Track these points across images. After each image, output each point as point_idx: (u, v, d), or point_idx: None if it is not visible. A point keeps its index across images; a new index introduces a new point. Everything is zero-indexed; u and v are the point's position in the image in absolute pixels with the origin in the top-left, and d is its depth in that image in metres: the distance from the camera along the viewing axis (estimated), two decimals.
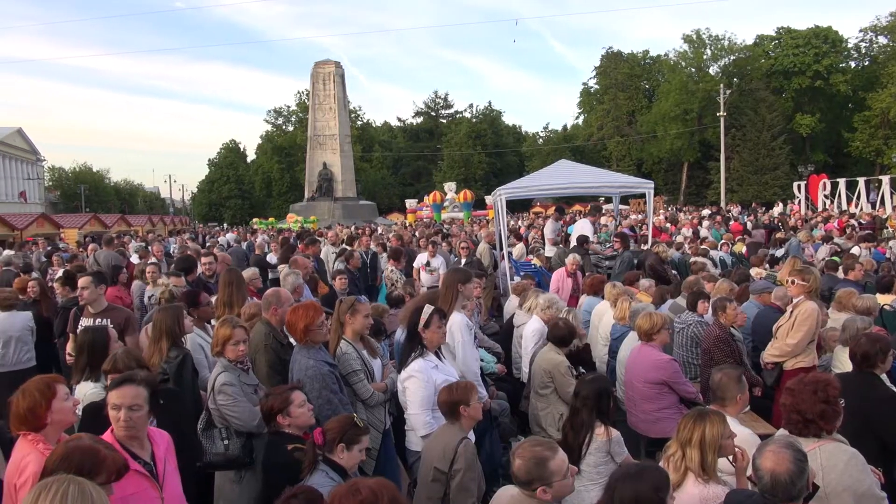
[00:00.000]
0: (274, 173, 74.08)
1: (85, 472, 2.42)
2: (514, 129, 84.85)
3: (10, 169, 74.52)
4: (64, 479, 2.17)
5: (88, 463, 2.50)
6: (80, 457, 2.52)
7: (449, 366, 4.88)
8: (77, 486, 2.13)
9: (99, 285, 6.28)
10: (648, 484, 2.71)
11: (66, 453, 2.54)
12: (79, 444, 2.61)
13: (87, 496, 2.12)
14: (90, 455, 2.54)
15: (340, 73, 48.75)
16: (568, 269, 9.89)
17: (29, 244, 20.19)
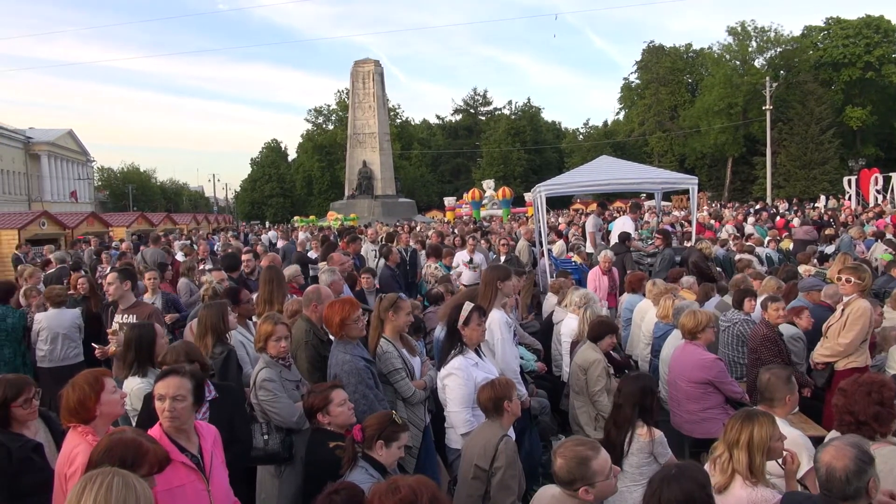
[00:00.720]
0: (314, 172, 74.90)
1: (128, 465, 2.46)
2: (553, 125, 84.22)
3: (61, 169, 76.92)
4: (108, 471, 2.21)
5: (131, 455, 2.55)
6: (122, 449, 2.57)
7: (489, 363, 4.85)
8: (121, 479, 2.16)
9: (124, 282, 6.41)
10: (694, 482, 2.65)
11: (109, 446, 2.59)
12: (122, 436, 2.66)
13: (131, 488, 2.16)
14: (133, 447, 2.59)
15: (380, 72, 48.99)
16: (602, 266, 9.69)
17: (80, 242, 20.78)
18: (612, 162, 14.28)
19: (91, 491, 2.09)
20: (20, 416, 3.53)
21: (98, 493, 2.09)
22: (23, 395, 3.52)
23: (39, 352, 7.00)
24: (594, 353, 5.58)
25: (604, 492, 3.03)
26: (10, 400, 3.48)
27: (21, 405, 3.51)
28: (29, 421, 3.61)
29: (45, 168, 72.91)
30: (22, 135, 70.37)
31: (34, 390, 3.61)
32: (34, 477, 3.42)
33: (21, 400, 3.51)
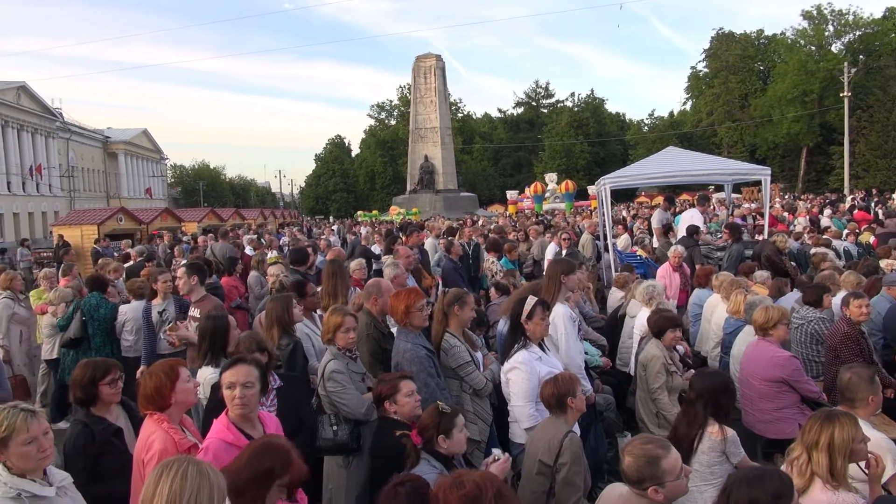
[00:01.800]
0: (377, 167, 75.78)
1: (276, 471, 2.57)
2: (617, 116, 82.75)
3: (137, 167, 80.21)
4: (184, 459, 2.29)
5: (280, 462, 2.62)
6: (274, 453, 2.64)
7: (553, 357, 4.81)
8: (196, 467, 2.23)
9: (192, 276, 6.61)
10: (768, 490, 2.53)
11: (264, 446, 2.66)
12: (278, 441, 2.73)
13: (205, 476, 2.22)
14: (283, 455, 2.66)
15: (441, 66, 49.12)
16: (672, 262, 9.26)
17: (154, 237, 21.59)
18: (679, 153, 13.91)
19: (167, 478, 2.16)
20: (106, 396, 3.71)
21: (174, 481, 2.16)
22: (109, 374, 3.72)
23: (125, 342, 7.30)
24: (654, 349, 5.44)
25: (674, 492, 2.95)
26: (98, 379, 3.67)
27: (108, 384, 3.69)
28: (113, 403, 3.80)
29: (122, 166, 76.17)
30: (101, 134, 73.72)
31: (119, 373, 3.81)
32: (114, 460, 3.58)
33: (108, 379, 3.70)
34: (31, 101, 56.00)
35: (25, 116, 54.87)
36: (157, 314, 6.96)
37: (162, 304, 7.05)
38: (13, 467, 2.65)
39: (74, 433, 3.54)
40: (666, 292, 7.88)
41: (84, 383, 3.67)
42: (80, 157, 67.26)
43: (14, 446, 2.61)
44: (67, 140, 64.35)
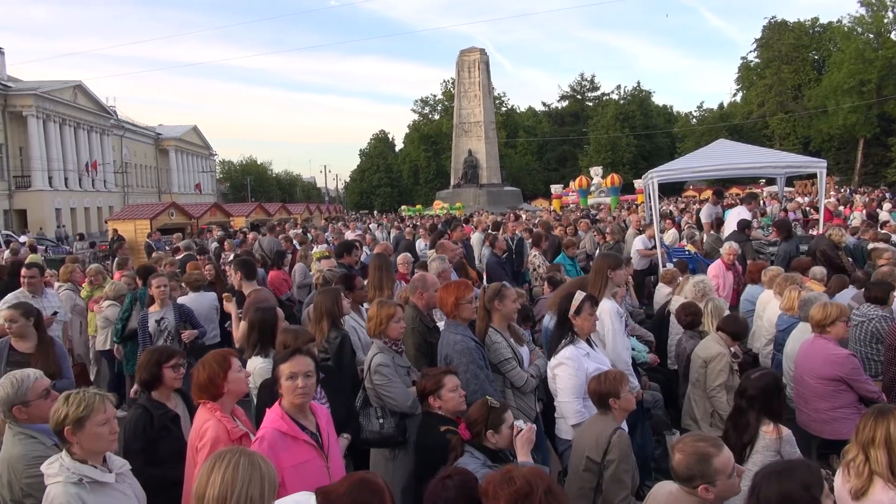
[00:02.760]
0: (421, 161, 76.00)
1: None
2: (664, 109, 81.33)
3: (187, 163, 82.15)
4: (237, 450, 2.34)
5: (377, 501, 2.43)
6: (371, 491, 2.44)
7: (600, 353, 4.76)
8: (248, 458, 2.28)
9: (237, 272, 6.76)
10: (797, 481, 2.44)
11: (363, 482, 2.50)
12: (374, 479, 2.55)
13: (257, 467, 2.27)
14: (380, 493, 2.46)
15: (485, 61, 48.96)
16: (725, 260, 8.73)
17: (204, 231, 22.09)
18: (729, 146, 13.57)
19: (220, 468, 2.21)
20: (168, 380, 3.85)
21: (226, 471, 2.21)
22: (174, 359, 3.88)
23: None
24: (718, 346, 5.32)
25: (726, 491, 2.88)
26: (163, 362, 3.82)
27: (171, 367, 3.84)
28: (174, 387, 3.93)
29: (173, 162, 78.14)
30: (153, 131, 75.72)
31: (182, 359, 3.96)
32: (170, 445, 3.70)
33: (172, 363, 3.85)
34: (86, 100, 57.83)
35: (82, 115, 56.70)
36: (155, 323, 6.53)
37: (159, 312, 6.61)
38: (76, 454, 2.76)
39: (135, 416, 3.68)
40: (717, 291, 7.66)
41: (150, 366, 3.83)
42: (133, 154, 69.20)
43: (90, 426, 2.74)
44: (121, 137, 66.26)
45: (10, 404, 3.21)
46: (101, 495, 2.75)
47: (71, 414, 2.73)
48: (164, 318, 6.51)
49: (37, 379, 3.33)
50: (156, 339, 6.44)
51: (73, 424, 2.73)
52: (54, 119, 52.18)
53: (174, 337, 6.51)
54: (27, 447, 3.17)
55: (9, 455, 3.18)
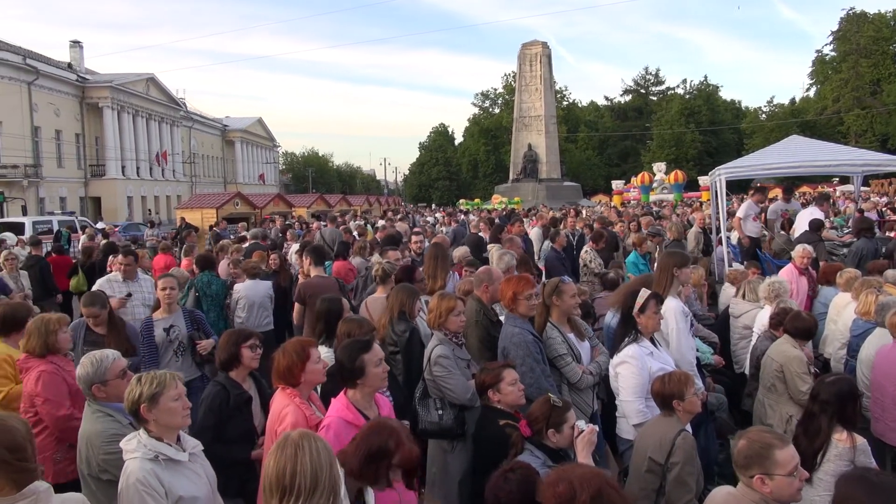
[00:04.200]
0: (480, 155, 75.91)
1: (390, 449, 2.64)
2: (732, 104, 79.00)
3: (251, 154, 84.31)
4: (314, 435, 2.38)
5: (394, 441, 2.68)
6: (387, 432, 2.73)
7: (664, 353, 4.66)
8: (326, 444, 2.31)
9: (307, 257, 7.04)
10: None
11: (378, 426, 2.77)
12: (388, 421, 2.86)
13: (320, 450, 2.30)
14: (395, 433, 2.73)
15: (547, 54, 48.45)
16: (798, 264, 8.00)
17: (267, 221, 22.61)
18: (802, 142, 13.05)
19: (306, 450, 2.23)
20: (247, 359, 3.99)
21: (312, 453, 2.24)
22: (251, 339, 4.02)
23: (237, 318, 7.70)
24: (794, 349, 5.13)
25: (784, 489, 2.78)
26: (241, 342, 3.97)
27: (249, 347, 3.98)
28: (251, 367, 4.07)
29: (238, 153, 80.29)
30: (220, 123, 77.98)
31: (259, 340, 4.11)
32: (239, 426, 3.83)
33: (249, 343, 4.00)
34: (158, 92, 59.92)
35: (153, 106, 58.78)
36: (163, 331, 5.78)
37: (168, 319, 5.87)
38: (152, 431, 2.87)
39: (213, 392, 3.81)
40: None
41: (228, 345, 3.97)
42: (200, 145, 71.42)
43: (164, 401, 2.86)
44: (190, 128, 68.45)
45: (90, 383, 3.37)
46: (174, 472, 2.85)
47: (145, 392, 2.85)
48: (174, 325, 5.82)
49: (115, 359, 3.48)
50: (163, 349, 5.75)
51: (149, 401, 2.84)
52: (128, 110, 54.26)
53: (187, 347, 5.87)
54: (105, 424, 3.31)
55: (88, 431, 3.33)
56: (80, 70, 52.07)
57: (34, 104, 44.67)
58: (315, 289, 6.91)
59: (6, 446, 2.27)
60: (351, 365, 3.32)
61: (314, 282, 7.18)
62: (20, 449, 2.31)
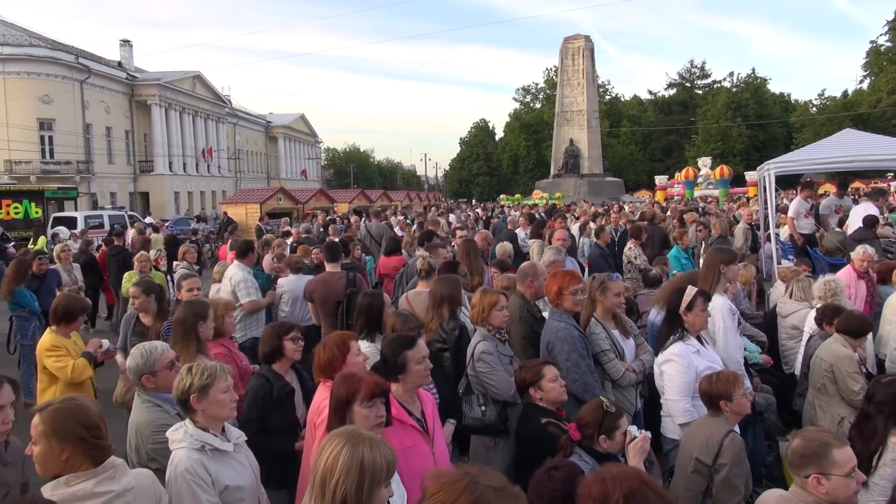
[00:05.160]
0: (521, 150, 75.52)
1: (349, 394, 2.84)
2: (781, 97, 77.01)
3: (294, 150, 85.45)
4: (347, 428, 2.38)
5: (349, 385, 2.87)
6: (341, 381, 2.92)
7: (712, 352, 4.56)
8: (351, 434, 2.32)
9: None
10: None
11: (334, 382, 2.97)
12: (341, 373, 3.05)
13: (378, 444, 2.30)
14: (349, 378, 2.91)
15: (590, 48, 47.88)
16: (858, 267, 7.43)
17: (309, 216, 22.89)
18: (856, 136, 12.62)
19: (361, 447, 2.18)
20: (289, 351, 4.05)
21: (367, 450, 2.18)
22: (293, 332, 4.08)
23: (281, 312, 7.80)
24: (844, 349, 4.97)
25: (840, 491, 2.69)
26: (284, 334, 4.04)
27: (291, 339, 4.05)
28: (293, 360, 4.13)
29: (281, 149, 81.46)
30: (263, 119, 79.21)
31: (300, 333, 4.17)
32: (282, 418, 3.87)
33: (291, 335, 4.06)
34: (204, 90, 61.12)
35: (199, 103, 59.99)
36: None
37: None
38: (198, 422, 2.92)
39: (257, 385, 3.87)
40: None
41: (271, 338, 4.03)
42: (244, 141, 72.64)
43: (213, 393, 2.92)
44: (234, 125, 69.67)
45: (139, 373, 3.44)
46: (220, 462, 2.90)
47: (196, 382, 2.91)
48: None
49: (164, 351, 3.55)
50: None
51: (199, 391, 2.90)
52: (175, 107, 55.48)
53: None
54: (153, 414, 3.39)
55: (137, 421, 3.40)
56: (129, 68, 53.46)
57: (86, 102, 46.05)
58: (322, 284, 7.01)
59: (83, 424, 2.37)
60: (394, 360, 3.32)
61: (322, 277, 7.28)
62: (95, 427, 2.41)
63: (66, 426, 2.34)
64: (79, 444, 2.33)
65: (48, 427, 2.33)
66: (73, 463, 2.34)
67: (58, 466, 2.34)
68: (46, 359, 4.91)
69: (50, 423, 2.34)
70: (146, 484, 2.58)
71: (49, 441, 2.33)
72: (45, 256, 9.99)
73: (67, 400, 2.46)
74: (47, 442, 2.33)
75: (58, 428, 2.33)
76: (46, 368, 4.93)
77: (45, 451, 2.33)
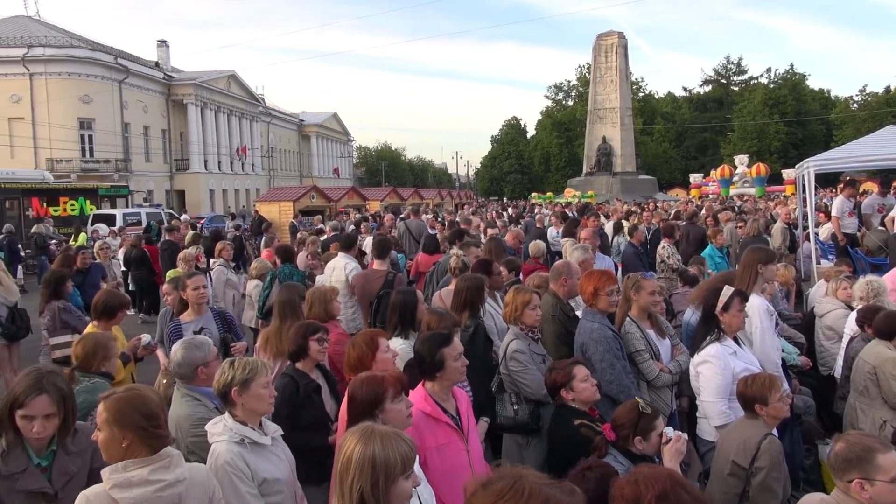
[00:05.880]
0: (553, 148, 75.06)
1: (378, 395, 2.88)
2: (820, 93, 75.24)
3: (326, 148, 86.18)
4: (360, 426, 2.39)
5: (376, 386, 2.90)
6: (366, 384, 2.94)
7: (748, 353, 4.49)
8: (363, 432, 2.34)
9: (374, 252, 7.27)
10: None
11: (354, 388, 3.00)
12: (358, 378, 3.06)
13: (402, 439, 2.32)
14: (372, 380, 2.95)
15: (623, 44, 47.37)
16: None
17: (341, 214, 23.05)
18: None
19: (397, 441, 2.25)
20: (314, 352, 4.08)
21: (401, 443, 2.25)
22: (318, 333, 4.12)
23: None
24: (889, 351, 4.85)
25: (884, 497, 2.63)
26: (309, 334, 4.08)
27: (316, 340, 4.08)
28: (318, 360, 4.17)
29: (314, 147, 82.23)
30: (296, 118, 80.00)
31: (326, 334, 4.21)
32: (312, 414, 3.92)
33: (317, 336, 4.09)
34: (238, 89, 61.97)
35: (234, 102, 60.85)
36: (194, 335, 4.80)
37: (197, 321, 5.42)
38: (237, 416, 2.98)
39: (283, 384, 3.92)
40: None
41: (297, 338, 4.08)
42: (278, 140, 73.48)
43: (254, 387, 2.98)
44: (268, 123, 70.51)
45: (194, 365, 3.57)
46: (258, 455, 2.96)
47: (237, 376, 2.98)
48: (206, 328, 5.37)
49: (212, 344, 3.70)
50: None
51: (240, 385, 2.97)
52: (210, 107, 56.36)
53: (220, 350, 5.18)
54: (193, 408, 3.47)
55: (177, 415, 3.48)
56: (166, 68, 54.45)
57: (124, 101, 47.06)
58: (363, 279, 7.09)
59: (143, 414, 2.44)
60: (431, 358, 3.34)
61: (364, 273, 7.42)
62: (155, 417, 2.48)
63: (127, 415, 2.42)
64: (138, 433, 2.41)
65: (111, 415, 2.42)
66: (133, 450, 2.42)
67: (119, 453, 2.42)
68: None
69: (112, 412, 2.43)
70: (200, 478, 2.64)
71: (111, 428, 2.41)
72: (88, 251, 10.25)
73: (130, 390, 2.55)
74: (110, 429, 2.42)
75: (119, 416, 2.42)
76: None
77: (108, 437, 2.43)
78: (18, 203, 25.66)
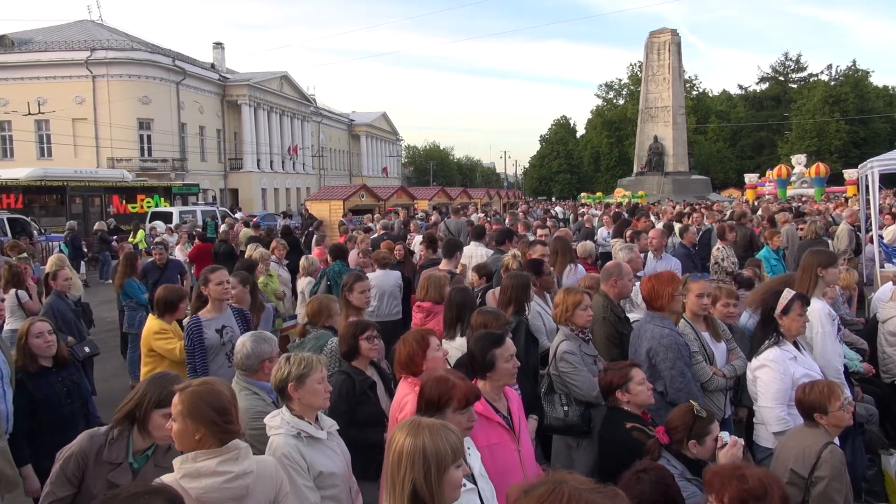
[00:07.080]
0: (602, 147, 74.27)
1: (442, 399, 2.84)
2: (885, 91, 72.52)
3: (376, 147, 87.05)
4: (408, 420, 2.44)
5: (443, 390, 2.87)
6: (434, 385, 2.91)
7: (809, 358, 4.36)
8: (412, 425, 2.36)
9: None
10: None
11: (425, 383, 2.98)
12: (433, 374, 3.04)
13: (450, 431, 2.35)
14: (443, 383, 2.90)
15: (676, 42, 46.52)
16: None
17: (390, 213, 23.22)
18: None
19: (447, 433, 2.28)
20: (364, 350, 4.13)
21: (451, 436, 2.28)
22: (367, 331, 4.15)
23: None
24: None
25: None
26: (359, 334, 4.12)
27: (366, 339, 4.12)
28: (370, 357, 4.22)
29: (364, 146, 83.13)
30: (346, 118, 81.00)
31: (376, 331, 4.24)
32: (369, 410, 3.97)
33: (366, 335, 4.13)
34: (290, 89, 63.05)
35: (286, 102, 61.94)
36: (216, 332, 4.96)
37: (219, 319, 5.06)
38: (294, 410, 3.05)
39: (339, 381, 3.98)
40: None
41: (348, 338, 4.13)
42: (328, 139, 74.49)
43: (310, 383, 3.05)
44: (319, 123, 71.56)
45: (261, 358, 3.67)
46: (315, 449, 3.02)
47: (294, 371, 3.05)
48: (227, 326, 5.08)
49: (273, 339, 3.82)
50: (215, 352, 4.92)
51: (296, 380, 3.03)
52: (263, 107, 57.49)
53: None
54: (252, 402, 3.56)
55: None
56: (221, 70, 55.76)
57: (181, 102, 48.38)
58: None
59: (214, 408, 2.50)
60: (482, 358, 3.35)
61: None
62: (226, 411, 2.54)
63: (200, 408, 2.48)
64: (210, 426, 2.47)
65: (185, 407, 2.49)
66: (205, 443, 2.48)
67: (192, 445, 2.49)
68: (155, 341, 5.19)
69: (186, 404, 2.49)
70: (268, 471, 2.69)
71: (185, 420, 2.48)
72: (161, 247, 10.58)
73: (204, 384, 2.61)
74: (183, 421, 2.49)
75: (192, 409, 2.48)
76: (153, 351, 5.21)
77: (182, 429, 2.50)
78: (101, 200, 28.03)
